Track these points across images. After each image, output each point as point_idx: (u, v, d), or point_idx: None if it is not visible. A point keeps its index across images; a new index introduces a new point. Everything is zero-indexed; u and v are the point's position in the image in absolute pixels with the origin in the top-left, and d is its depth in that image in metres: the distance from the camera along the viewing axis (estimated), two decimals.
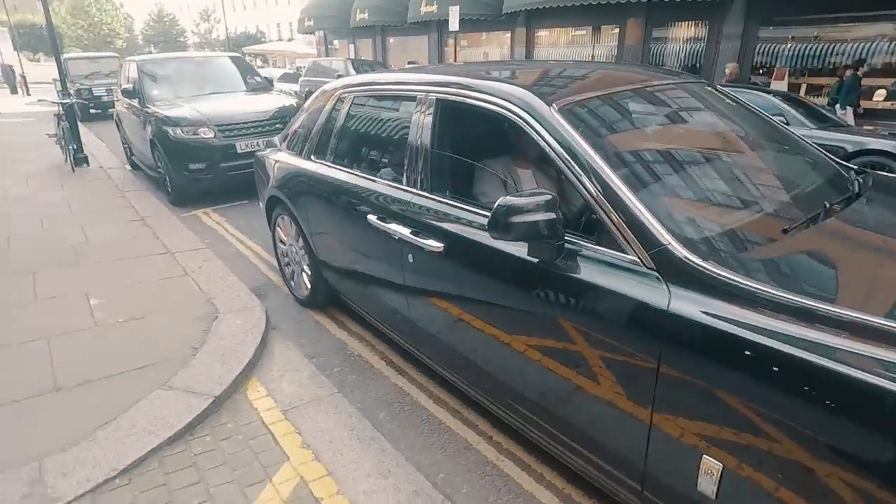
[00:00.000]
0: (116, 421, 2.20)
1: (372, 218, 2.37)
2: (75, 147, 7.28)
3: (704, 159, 1.88)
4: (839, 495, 1.10)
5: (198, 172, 5.61)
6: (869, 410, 1.05)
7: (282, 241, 3.58)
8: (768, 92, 7.12)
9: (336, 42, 23.89)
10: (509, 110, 1.84)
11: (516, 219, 1.54)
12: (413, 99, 2.30)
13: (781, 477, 1.20)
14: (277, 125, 5.98)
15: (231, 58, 7.60)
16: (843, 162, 2.25)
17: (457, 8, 11.83)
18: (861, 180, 2.07)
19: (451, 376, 2.34)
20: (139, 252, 4.21)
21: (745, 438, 1.24)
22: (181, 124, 5.54)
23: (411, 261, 2.19)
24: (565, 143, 1.68)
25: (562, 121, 1.72)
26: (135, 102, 6.37)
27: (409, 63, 15.12)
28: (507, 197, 1.57)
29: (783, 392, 1.17)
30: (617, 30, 12.84)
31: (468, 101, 2.03)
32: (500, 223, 1.57)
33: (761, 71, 10.65)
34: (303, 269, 3.37)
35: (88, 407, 2.33)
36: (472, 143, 2.28)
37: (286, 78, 16.86)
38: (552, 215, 1.55)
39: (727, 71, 8.50)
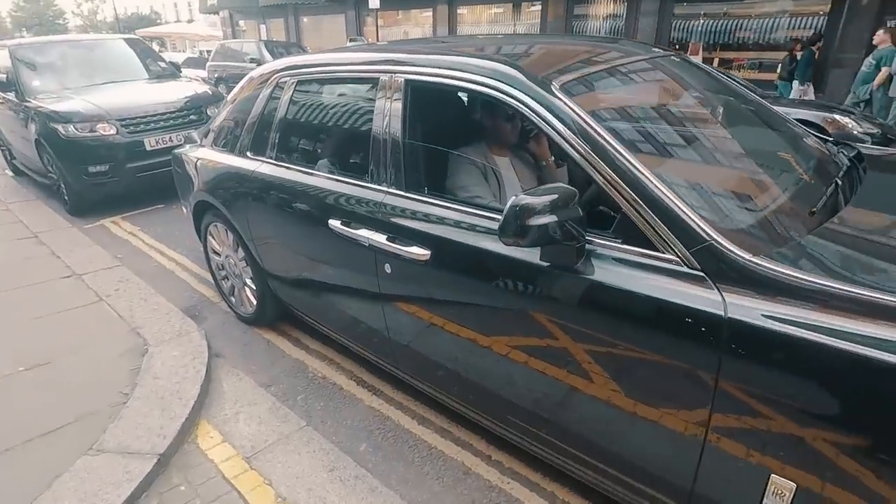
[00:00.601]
0: None
1: (334, 223, 2.03)
2: None
3: (720, 139, 1.73)
4: None
5: (100, 176, 4.85)
6: None
7: (216, 252, 3.11)
8: None
9: (243, 23, 22.24)
10: (503, 92, 1.57)
11: (533, 221, 1.30)
12: (374, 82, 1.97)
13: (869, 499, 1.06)
14: (191, 117, 5.32)
15: (127, 40, 6.67)
16: (821, 136, 2.21)
17: None
18: (845, 152, 2.04)
19: (441, 395, 2.08)
20: (36, 277, 3.53)
21: (825, 453, 1.09)
22: (73, 120, 4.73)
23: (389, 271, 1.89)
24: (575, 126, 1.44)
25: (568, 101, 1.48)
26: (11, 96, 5.40)
27: (351, 41, 14.16)
28: (522, 196, 1.32)
29: (870, 400, 1.03)
30: (539, 6, 12.85)
31: (447, 82, 1.74)
32: (514, 227, 1.32)
33: (677, 46, 11.08)
34: (245, 283, 2.94)
35: None
36: (453, 132, 2.00)
37: (191, 63, 15.41)
38: (574, 213, 1.33)
39: None
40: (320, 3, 15.93)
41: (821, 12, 9.36)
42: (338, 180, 2.11)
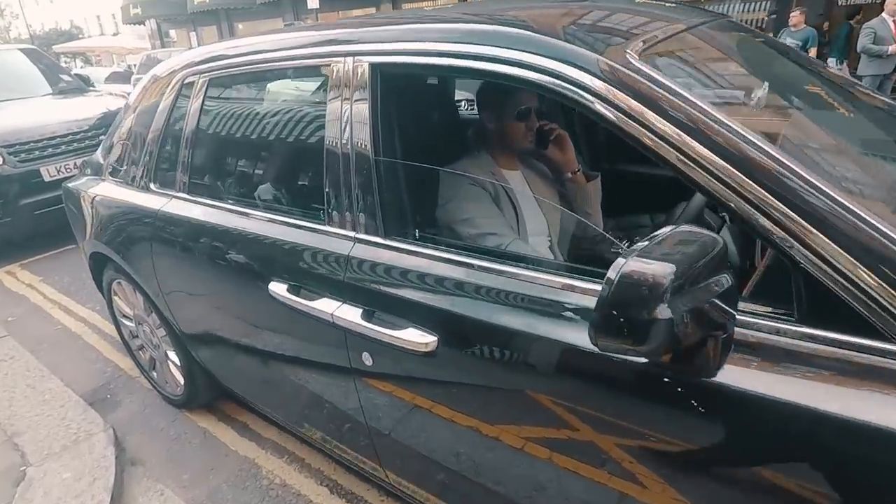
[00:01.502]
0: None
1: (277, 289, 1.34)
2: None
3: (853, 131, 1.16)
4: None
5: None
6: None
7: (126, 317, 2.34)
8: None
9: (173, 32, 20.82)
10: (548, 72, 0.93)
11: (661, 312, 0.66)
12: (320, 72, 1.30)
13: None
14: (102, 137, 4.43)
15: (25, 51, 5.66)
16: None
17: None
18: None
19: None
20: None
21: None
22: None
23: (370, 364, 1.22)
24: (689, 121, 0.83)
25: (671, 83, 0.87)
26: None
27: (287, 26, 13.11)
28: (631, 259, 0.69)
29: None
30: None
31: (439, 63, 1.08)
32: (622, 321, 0.69)
33: None
34: (167, 356, 2.19)
35: None
36: (445, 140, 1.35)
37: (116, 77, 14.04)
38: (724, 284, 0.71)
39: None
40: (254, 6, 14.90)
41: None
42: (278, 222, 1.42)
